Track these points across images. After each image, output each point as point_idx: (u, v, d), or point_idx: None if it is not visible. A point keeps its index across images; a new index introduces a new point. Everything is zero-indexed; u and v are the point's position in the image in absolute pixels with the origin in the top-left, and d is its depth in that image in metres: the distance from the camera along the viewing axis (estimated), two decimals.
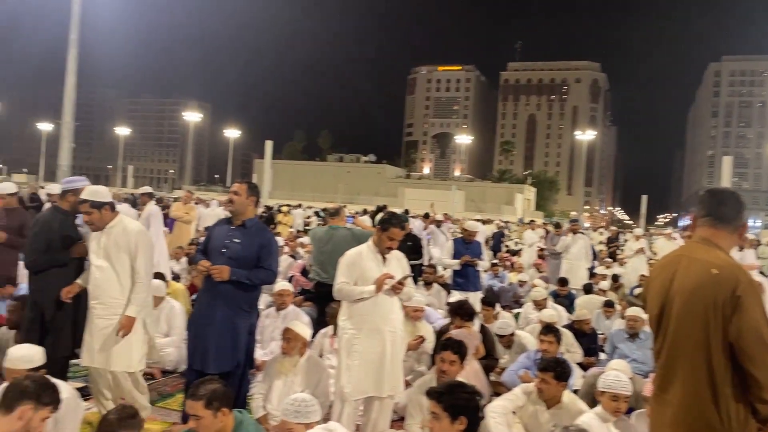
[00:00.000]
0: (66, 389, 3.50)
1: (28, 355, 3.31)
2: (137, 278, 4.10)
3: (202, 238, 4.97)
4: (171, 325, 6.06)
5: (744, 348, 2.17)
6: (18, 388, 2.72)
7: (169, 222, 11.46)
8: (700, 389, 2.24)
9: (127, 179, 73.84)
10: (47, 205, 8.31)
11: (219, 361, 4.14)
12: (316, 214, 25.84)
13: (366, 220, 9.95)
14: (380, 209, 14.96)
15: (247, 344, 4.32)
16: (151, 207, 8.81)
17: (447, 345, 4.38)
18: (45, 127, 78.04)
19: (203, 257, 4.27)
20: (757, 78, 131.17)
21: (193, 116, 72.30)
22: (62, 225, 4.58)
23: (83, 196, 4.17)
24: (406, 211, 17.25)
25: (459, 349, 4.33)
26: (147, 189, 9.79)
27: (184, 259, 9.20)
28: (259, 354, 5.66)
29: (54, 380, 2.95)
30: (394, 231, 4.14)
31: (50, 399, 2.77)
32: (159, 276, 7.14)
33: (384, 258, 4.17)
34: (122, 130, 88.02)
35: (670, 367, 2.35)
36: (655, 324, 2.45)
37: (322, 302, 6.39)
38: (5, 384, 3.37)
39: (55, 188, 8.09)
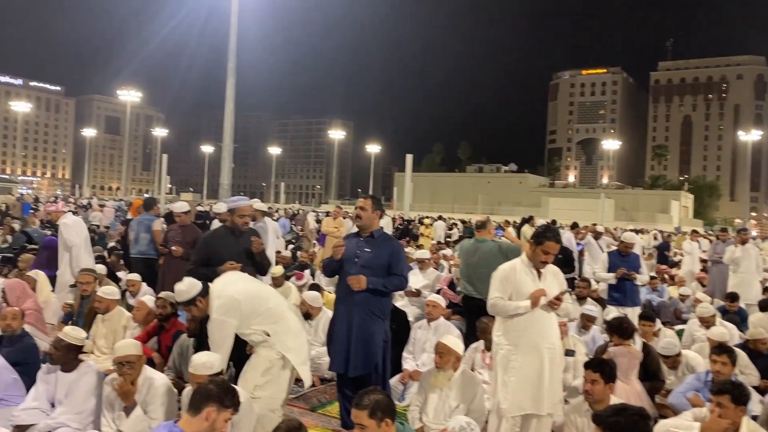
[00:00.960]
0: (241, 393, 3.80)
1: (209, 362, 3.62)
2: None
3: None
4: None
5: None
6: (204, 391, 3.00)
7: (321, 237, 12.02)
8: None
9: (280, 195, 78.53)
10: (215, 222, 9.06)
11: (356, 364, 4.36)
12: (463, 223, 25.83)
13: (510, 231, 9.76)
14: (526, 220, 14.65)
15: (383, 350, 4.47)
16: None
17: (588, 363, 4.18)
18: (207, 149, 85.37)
19: (334, 266, 4.56)
20: None
21: (337, 134, 75.59)
22: (224, 242, 5.01)
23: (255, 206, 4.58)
24: (554, 222, 16.71)
25: (601, 367, 4.09)
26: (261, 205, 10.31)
27: None
28: (411, 365, 5.76)
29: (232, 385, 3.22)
30: (549, 244, 4.04)
31: (231, 402, 3.03)
32: (314, 287, 7.53)
33: (539, 273, 4.08)
34: (274, 150, 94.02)
35: None
36: None
37: (471, 316, 6.36)
38: (189, 388, 3.73)
39: (221, 207, 8.83)
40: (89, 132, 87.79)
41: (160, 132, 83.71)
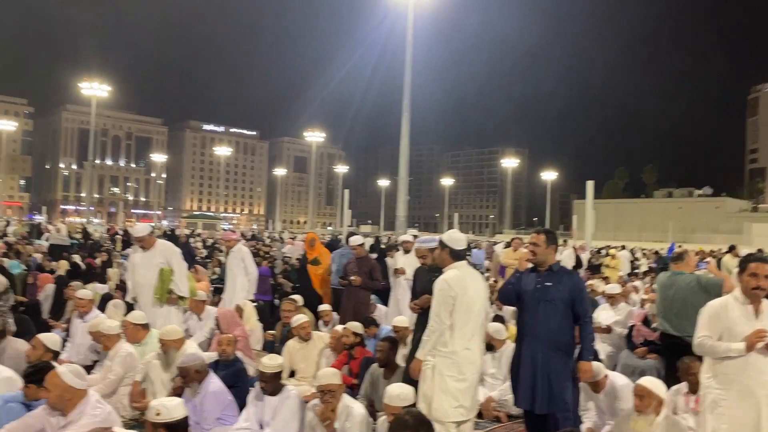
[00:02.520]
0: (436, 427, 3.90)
1: (403, 394, 3.76)
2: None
3: None
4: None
5: None
6: (401, 423, 3.11)
7: (501, 269, 11.86)
8: None
9: (453, 225, 79.23)
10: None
11: (542, 402, 4.20)
12: (655, 254, 24.07)
13: (713, 264, 8.89)
14: (728, 250, 13.29)
15: (572, 391, 4.27)
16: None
17: None
18: (383, 183, 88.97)
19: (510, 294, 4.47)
20: None
21: (510, 162, 74.77)
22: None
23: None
24: (760, 251, 14.96)
25: None
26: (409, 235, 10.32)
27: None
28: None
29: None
30: (755, 266, 3.67)
31: (428, 429, 3.11)
32: (498, 319, 7.46)
33: (756, 309, 3.67)
34: (447, 181, 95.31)
35: None
36: None
37: (669, 355, 5.89)
38: (383, 417, 3.88)
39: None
40: (280, 171, 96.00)
41: (341, 169, 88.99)
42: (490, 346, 6.41)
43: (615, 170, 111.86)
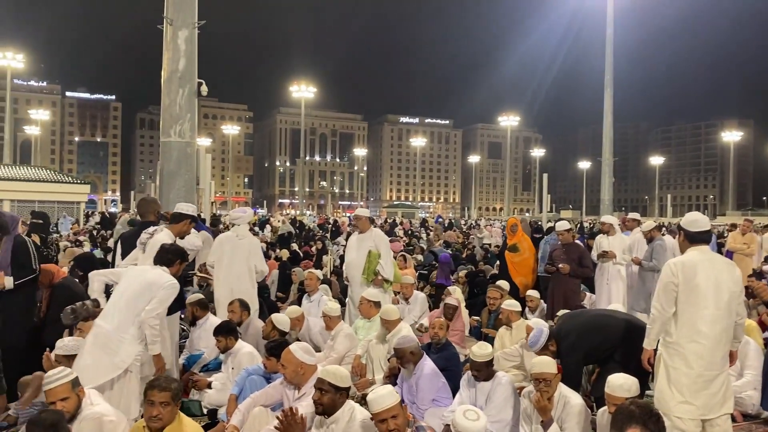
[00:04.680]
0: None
1: (626, 384, 3.60)
2: None
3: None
4: (746, 365, 5.59)
5: None
6: (626, 413, 2.94)
7: (727, 254, 10.69)
8: None
9: (666, 208, 73.04)
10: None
11: None
12: None
13: None
14: None
15: None
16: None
17: None
18: (584, 165, 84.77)
19: None
20: None
21: (732, 135, 66.85)
22: None
23: None
24: None
25: None
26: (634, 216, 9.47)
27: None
28: None
29: None
30: None
31: (656, 426, 2.89)
32: None
33: None
34: (656, 160, 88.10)
35: None
36: None
37: None
38: (605, 408, 3.71)
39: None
40: (474, 158, 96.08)
41: (537, 152, 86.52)
42: None
43: None
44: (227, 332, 5.11)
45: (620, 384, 3.59)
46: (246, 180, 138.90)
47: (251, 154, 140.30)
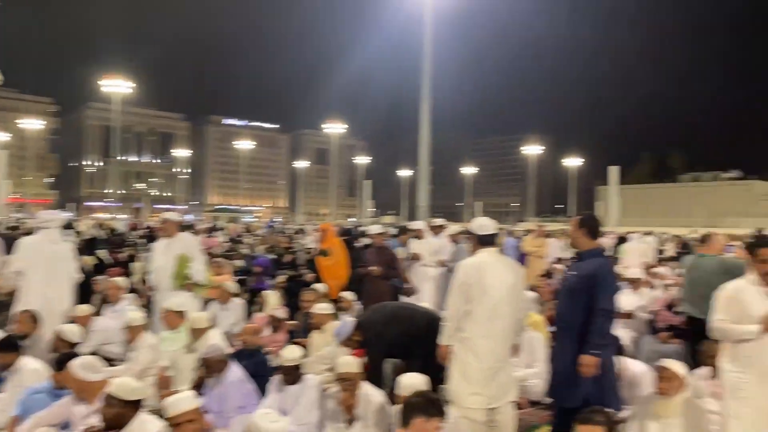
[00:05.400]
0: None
1: (414, 384, 3.77)
2: None
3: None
4: (534, 357, 6.20)
5: None
6: (410, 404, 3.18)
7: (521, 256, 11.80)
8: None
9: (476, 214, 78.97)
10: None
11: (562, 395, 4.18)
12: (676, 237, 23.72)
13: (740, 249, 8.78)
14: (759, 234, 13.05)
15: (599, 382, 4.12)
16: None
17: None
18: (406, 172, 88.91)
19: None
20: None
21: (533, 149, 74.14)
22: None
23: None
24: None
25: None
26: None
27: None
28: None
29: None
30: (764, 252, 3.60)
31: (438, 410, 3.15)
32: None
33: None
34: (469, 170, 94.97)
35: None
36: None
37: (693, 339, 5.84)
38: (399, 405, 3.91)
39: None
40: (301, 164, 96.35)
41: (361, 160, 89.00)
42: None
43: (639, 156, 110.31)
44: (4, 348, 4.59)
45: (409, 384, 3.80)
46: (49, 180, 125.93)
47: (56, 152, 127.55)
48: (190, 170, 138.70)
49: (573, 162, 72.27)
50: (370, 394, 4.21)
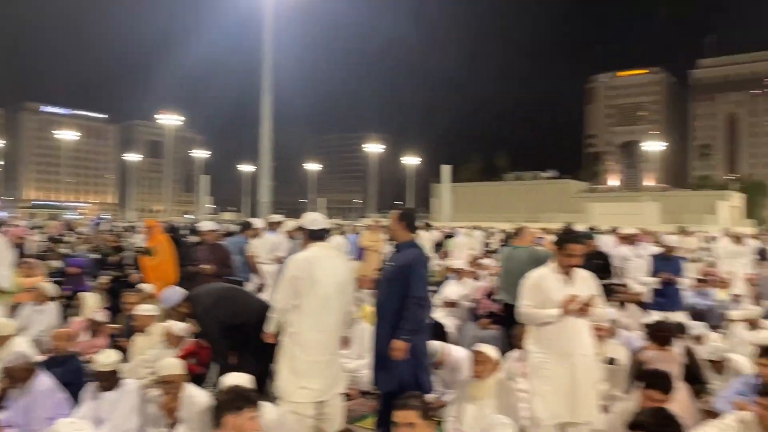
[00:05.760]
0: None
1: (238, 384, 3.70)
2: None
3: None
4: (364, 348, 6.37)
5: None
6: (215, 405, 3.12)
7: (359, 251, 12.07)
8: None
9: (319, 211, 79.28)
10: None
11: (381, 379, 4.37)
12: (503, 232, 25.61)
13: (549, 240, 9.68)
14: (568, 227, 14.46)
15: (413, 367, 4.33)
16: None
17: (654, 383, 4.05)
18: (248, 168, 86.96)
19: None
20: None
21: (374, 148, 76.07)
22: None
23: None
24: (593, 228, 16.45)
25: (666, 385, 4.02)
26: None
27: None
28: None
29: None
30: (571, 247, 4.02)
31: (245, 401, 3.12)
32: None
33: (569, 278, 4.05)
34: (312, 166, 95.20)
35: None
36: None
37: (509, 324, 6.33)
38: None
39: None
40: (132, 157, 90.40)
41: (200, 153, 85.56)
42: None
43: (471, 155, 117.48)
44: None
45: (231, 384, 3.74)
46: None
47: None
48: (2, 162, 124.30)
49: (411, 160, 75.17)
50: (194, 395, 4.07)
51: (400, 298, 4.27)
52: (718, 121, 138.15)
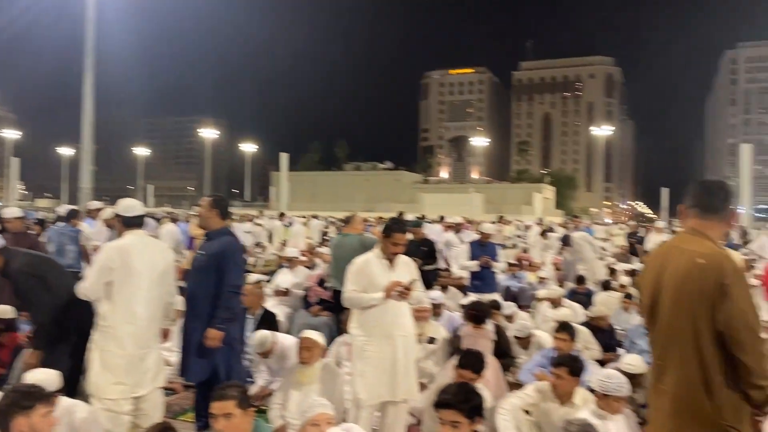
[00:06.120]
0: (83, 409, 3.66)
1: (44, 380, 3.41)
2: None
3: None
4: None
5: (733, 335, 2.19)
6: (1, 409, 2.86)
7: (189, 240, 11.60)
8: (692, 378, 2.27)
9: (147, 198, 74.73)
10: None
11: (193, 370, 4.28)
12: (340, 221, 25.98)
13: (378, 229, 10.04)
14: (399, 215, 15.05)
15: (226, 356, 4.30)
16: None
17: (465, 363, 4.35)
18: (66, 151, 79.59)
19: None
20: None
21: (209, 133, 73.26)
22: None
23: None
24: (422, 217, 17.29)
25: (477, 366, 4.35)
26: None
27: None
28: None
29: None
30: (397, 236, 4.21)
31: (34, 399, 2.90)
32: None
33: (391, 264, 4.24)
34: (141, 150, 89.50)
35: (664, 357, 2.39)
36: (648, 315, 2.49)
37: (339, 310, 6.48)
38: None
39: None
40: None
41: (9, 134, 76.70)
42: None
43: (310, 144, 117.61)
44: None
45: (38, 380, 3.46)
46: None
47: None
48: None
49: (249, 147, 73.53)
50: None
51: (214, 287, 4.20)
52: (535, 120, 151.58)
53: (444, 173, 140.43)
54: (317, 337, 4.66)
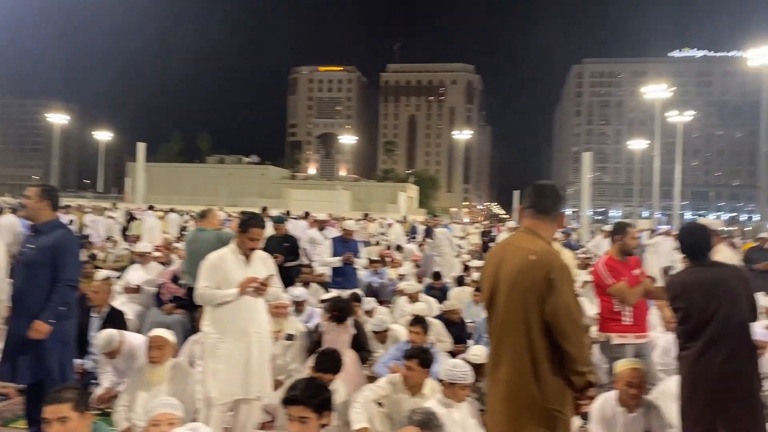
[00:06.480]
0: None
1: None
2: None
3: None
4: None
5: (557, 326, 2.41)
6: None
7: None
8: (523, 366, 2.47)
9: None
10: None
11: (25, 371, 3.98)
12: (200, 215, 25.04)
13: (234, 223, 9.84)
14: (261, 211, 14.80)
15: (61, 354, 4.06)
16: None
17: (322, 366, 4.34)
18: None
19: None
20: (614, 79, 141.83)
21: (58, 118, 67.56)
22: None
23: None
24: (286, 213, 17.15)
25: (332, 367, 4.38)
26: None
27: None
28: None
29: None
30: (255, 231, 4.15)
31: None
32: None
33: (247, 259, 4.16)
34: None
35: (500, 347, 2.57)
36: (487, 308, 2.67)
37: (194, 308, 6.26)
38: None
39: None
40: None
41: None
42: None
43: (171, 135, 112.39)
44: None
45: None
46: None
47: None
48: None
49: (103, 135, 68.68)
50: None
51: (46, 283, 3.94)
52: (401, 121, 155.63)
53: (312, 169, 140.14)
54: (168, 335, 4.47)
